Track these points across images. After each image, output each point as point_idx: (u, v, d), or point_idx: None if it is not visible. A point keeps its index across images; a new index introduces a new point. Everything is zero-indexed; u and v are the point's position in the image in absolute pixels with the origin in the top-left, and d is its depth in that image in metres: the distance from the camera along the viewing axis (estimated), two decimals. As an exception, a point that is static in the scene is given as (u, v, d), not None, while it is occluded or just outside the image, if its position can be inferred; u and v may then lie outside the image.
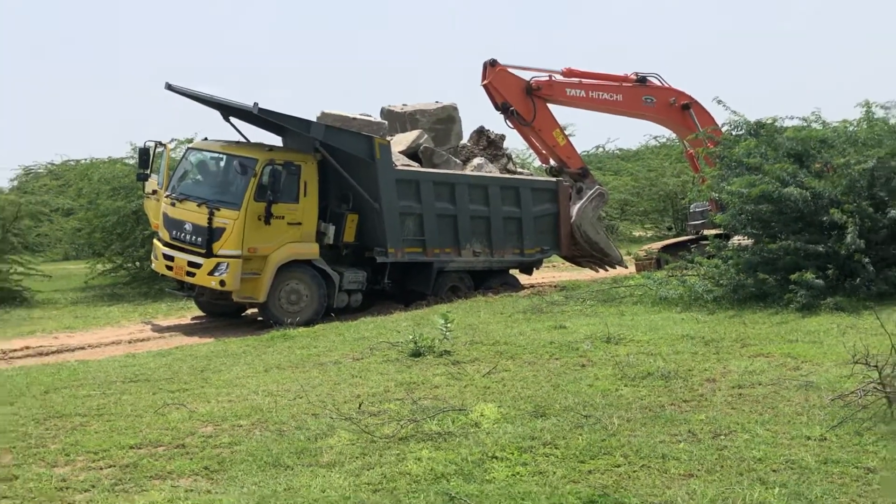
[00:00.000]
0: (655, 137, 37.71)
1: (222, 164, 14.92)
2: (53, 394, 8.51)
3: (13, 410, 7.81)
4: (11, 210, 19.15)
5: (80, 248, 25.55)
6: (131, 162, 22.64)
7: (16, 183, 37.38)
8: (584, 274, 19.25)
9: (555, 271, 21.41)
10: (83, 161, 32.89)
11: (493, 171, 17.38)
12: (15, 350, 12.43)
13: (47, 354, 12.12)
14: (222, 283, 13.82)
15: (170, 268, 14.57)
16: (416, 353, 9.55)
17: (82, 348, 12.56)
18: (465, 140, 18.43)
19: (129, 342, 13.13)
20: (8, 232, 18.81)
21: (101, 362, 10.67)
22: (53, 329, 14.76)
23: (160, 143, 16.17)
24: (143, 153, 16.17)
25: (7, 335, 14.16)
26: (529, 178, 18.51)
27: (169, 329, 14.59)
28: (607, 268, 18.85)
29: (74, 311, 17.16)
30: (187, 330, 14.49)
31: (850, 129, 14.09)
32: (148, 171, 16.08)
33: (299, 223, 14.52)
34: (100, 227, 21.15)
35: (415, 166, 16.13)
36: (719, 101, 15.58)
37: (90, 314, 16.66)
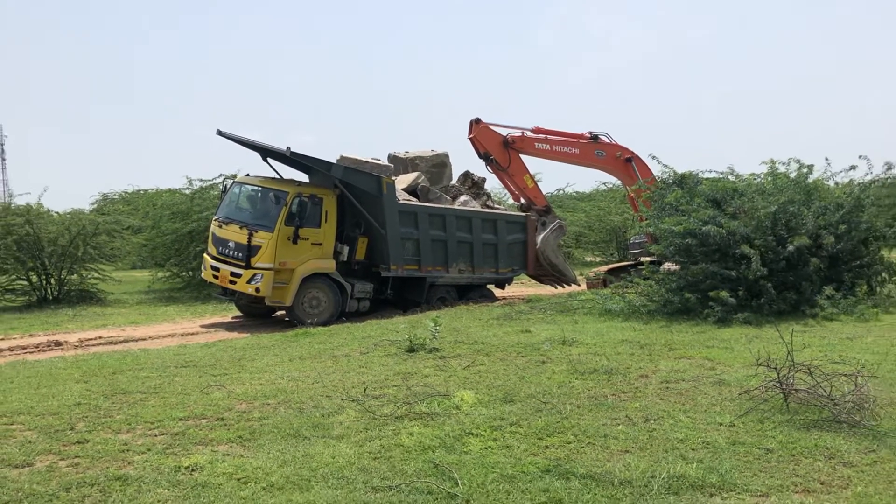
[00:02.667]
0: (605, 183, 37.88)
1: (260, 195, 14.90)
2: (120, 375, 8.46)
3: (87, 387, 7.76)
4: (91, 227, 19.07)
5: (145, 259, 25.38)
6: (187, 192, 22.61)
7: (95, 206, 37.30)
8: (546, 290, 19.23)
9: (523, 287, 21.39)
10: (150, 190, 32.92)
11: (476, 206, 17.41)
12: (91, 339, 12.35)
13: (116, 343, 12.03)
14: (258, 290, 13.82)
15: (216, 277, 14.54)
16: (411, 350, 9.53)
17: (144, 339, 12.48)
18: (454, 181, 18.48)
19: (182, 335, 13.05)
20: (88, 245, 18.72)
21: (158, 351, 10.61)
22: (121, 323, 14.69)
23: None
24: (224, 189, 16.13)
25: (84, 327, 14.09)
26: (504, 212, 18.52)
27: (214, 326, 14.52)
28: (564, 285, 18.90)
29: (139, 310, 17.08)
30: (228, 327, 14.42)
31: (757, 180, 14.23)
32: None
33: (320, 243, 14.51)
34: (161, 244, 21.12)
35: (414, 201, 16.14)
36: (654, 157, 15.82)
37: (151, 312, 16.59)
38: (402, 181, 16.76)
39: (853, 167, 13.84)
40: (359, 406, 6.67)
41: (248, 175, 16.00)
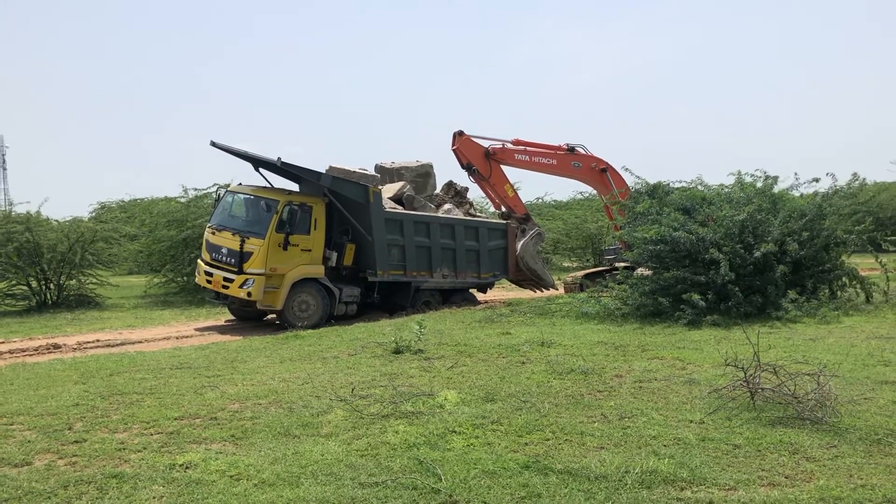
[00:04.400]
0: (581, 193, 38.00)
1: (252, 203, 14.84)
2: (116, 376, 8.39)
3: (85, 388, 7.69)
4: (89, 235, 18.93)
5: (142, 265, 25.22)
6: (183, 200, 22.50)
7: (94, 214, 36.97)
8: (526, 293, 19.27)
9: (504, 291, 21.41)
10: (146, 199, 32.70)
11: (458, 214, 17.41)
12: (88, 342, 12.25)
13: (113, 346, 11.93)
14: (249, 294, 13.75)
15: (209, 282, 14.45)
16: (397, 351, 9.52)
17: (140, 342, 12.39)
18: (438, 190, 18.49)
19: (177, 338, 12.96)
20: (86, 251, 18.60)
21: (154, 353, 10.53)
22: (119, 326, 14.57)
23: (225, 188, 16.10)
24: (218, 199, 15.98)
25: (83, 330, 13.97)
26: (486, 220, 18.53)
27: (207, 329, 14.43)
28: (543, 290, 18.93)
29: (135, 314, 16.95)
30: (221, 330, 14.34)
31: (725, 190, 14.34)
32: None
33: (310, 250, 14.47)
34: (157, 250, 21.02)
35: (399, 209, 16.12)
36: (627, 169, 15.91)
37: (147, 316, 16.47)
38: (389, 190, 16.75)
39: (816, 179, 14.11)
40: (347, 406, 6.65)
41: (240, 184, 15.95)
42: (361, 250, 15.26)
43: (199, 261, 15.24)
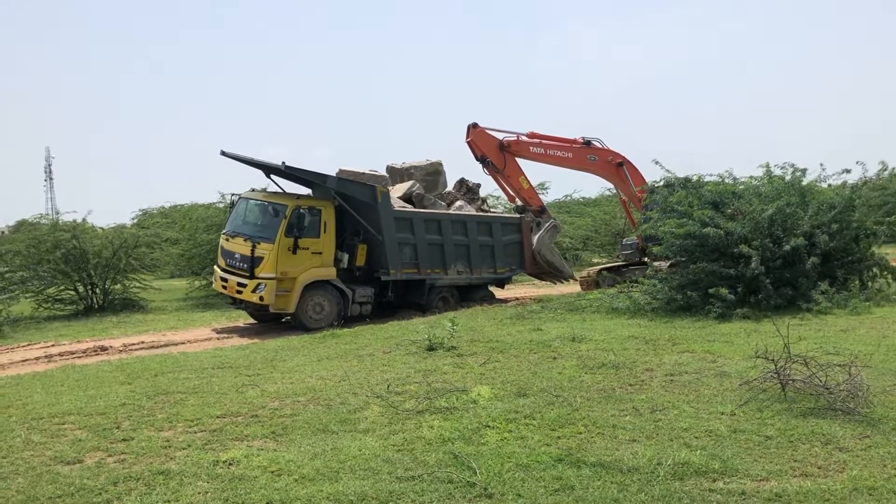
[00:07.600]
0: (610, 190, 37.55)
1: (262, 209, 14.85)
2: (161, 376, 8.54)
3: (131, 389, 7.84)
4: (132, 240, 19.25)
5: (183, 269, 25.52)
6: (220, 206, 22.76)
7: (136, 220, 37.53)
8: (556, 289, 19.19)
9: (533, 287, 21.34)
10: (186, 205, 33.10)
11: (470, 210, 17.33)
12: (133, 344, 12.46)
13: (157, 347, 12.13)
14: (261, 298, 13.82)
15: (224, 287, 14.59)
16: (431, 348, 9.55)
17: (183, 343, 12.58)
18: (449, 188, 18.43)
19: (218, 339, 13.13)
20: (129, 256, 18.90)
21: (196, 353, 10.69)
22: (162, 328, 14.79)
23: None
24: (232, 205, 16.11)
25: (128, 333, 14.21)
26: (499, 215, 18.43)
27: (247, 329, 14.59)
28: (562, 281, 18.82)
29: (177, 316, 17.20)
30: (260, 330, 14.49)
31: (755, 183, 14.14)
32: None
33: (320, 252, 14.48)
34: (197, 254, 21.24)
35: (409, 208, 16.08)
36: (656, 162, 15.55)
37: (189, 318, 16.70)
38: (398, 190, 16.75)
39: (847, 171, 13.75)
40: (383, 402, 6.70)
41: (253, 190, 16.05)
42: (373, 250, 15.23)
43: (215, 266, 15.39)
